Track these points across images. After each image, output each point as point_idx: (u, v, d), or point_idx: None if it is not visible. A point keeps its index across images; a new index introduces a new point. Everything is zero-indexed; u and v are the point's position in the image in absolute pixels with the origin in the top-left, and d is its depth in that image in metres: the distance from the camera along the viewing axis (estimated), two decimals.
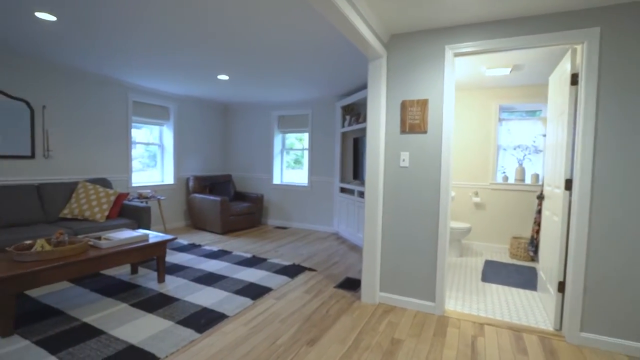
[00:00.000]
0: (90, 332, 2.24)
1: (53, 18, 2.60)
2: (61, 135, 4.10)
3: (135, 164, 5.34)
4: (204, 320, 2.44)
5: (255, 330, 2.35)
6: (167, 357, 2.00)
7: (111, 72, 4.23)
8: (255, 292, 2.99)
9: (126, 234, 3.07)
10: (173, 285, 3.09)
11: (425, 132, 2.65)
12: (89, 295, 2.82)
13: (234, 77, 4.34)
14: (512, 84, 4.29)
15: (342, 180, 5.51)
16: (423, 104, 2.63)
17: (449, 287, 3.25)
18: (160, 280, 3.15)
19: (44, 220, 3.67)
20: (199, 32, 2.83)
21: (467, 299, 2.96)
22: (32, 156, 3.85)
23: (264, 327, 2.39)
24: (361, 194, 4.67)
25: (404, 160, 2.74)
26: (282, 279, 3.34)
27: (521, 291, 3.18)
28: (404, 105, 2.70)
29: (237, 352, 2.08)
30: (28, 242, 2.53)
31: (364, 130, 4.98)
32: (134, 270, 3.38)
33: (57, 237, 2.59)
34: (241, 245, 4.65)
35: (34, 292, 2.85)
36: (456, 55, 2.56)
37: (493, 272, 3.68)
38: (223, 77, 4.29)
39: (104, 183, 4.32)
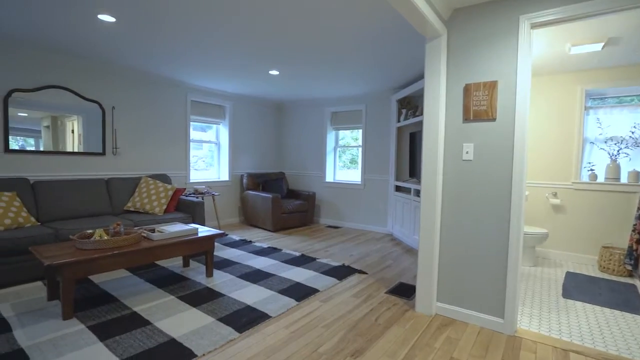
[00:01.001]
0: (137, 321, 2.28)
1: (112, 19, 2.72)
2: (127, 134, 4.39)
3: (200, 164, 5.59)
4: (245, 319, 2.35)
5: (297, 334, 2.20)
6: (203, 355, 1.93)
7: (172, 73, 4.42)
8: (300, 292, 2.85)
9: (177, 228, 3.13)
10: (220, 280, 3.08)
11: (493, 119, 2.27)
12: (142, 285, 2.92)
13: (284, 72, 4.27)
14: (603, 64, 3.61)
15: (398, 178, 5.17)
16: (491, 86, 2.26)
17: (522, 301, 2.79)
18: (209, 274, 3.17)
19: (111, 213, 3.94)
20: (252, 25, 2.78)
21: (545, 318, 2.50)
22: (103, 153, 4.17)
23: (306, 332, 2.23)
24: (418, 193, 4.31)
25: (467, 152, 2.38)
26: (330, 280, 3.16)
27: (617, 313, 2.61)
28: (467, 90, 2.35)
29: (274, 358, 1.94)
30: (89, 231, 2.67)
31: (421, 124, 4.60)
32: (186, 264, 3.45)
33: (114, 228, 2.70)
34: (291, 243, 4.57)
35: (97, 278, 3.03)
36: (533, 26, 2.15)
37: (577, 287, 3.11)
38: (274, 72, 4.25)
39: (164, 179, 4.54)
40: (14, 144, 3.51)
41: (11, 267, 2.84)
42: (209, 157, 5.76)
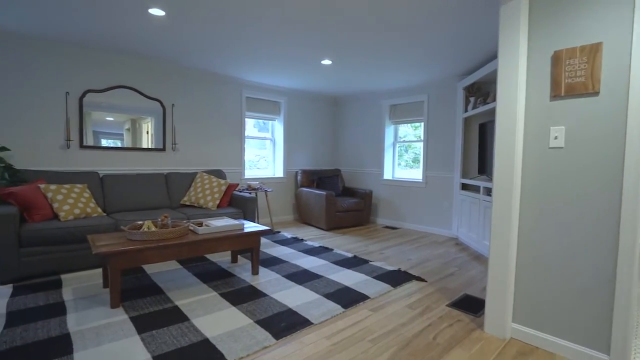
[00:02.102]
0: (176, 316, 2.21)
1: (162, 12, 2.74)
2: (186, 131, 4.54)
3: (262, 163, 5.65)
4: (284, 323, 2.15)
5: (339, 347, 1.93)
6: None
7: (226, 69, 4.46)
8: (348, 298, 2.58)
9: (224, 222, 3.07)
10: (265, 279, 2.94)
11: (595, 93, 1.75)
12: (188, 279, 2.90)
13: (338, 62, 4.02)
14: None
15: (464, 175, 4.59)
16: (592, 50, 1.74)
17: (637, 333, 2.16)
18: (254, 272, 3.05)
19: (169, 206, 4.08)
20: (302, 10, 2.58)
21: None
22: (163, 149, 4.35)
23: (349, 346, 1.95)
24: (488, 192, 3.75)
25: (555, 138, 1.88)
26: (383, 286, 2.83)
27: None
28: (557, 58, 1.85)
29: None
30: (140, 222, 2.72)
31: (492, 113, 4.00)
32: (234, 259, 3.40)
33: (162, 220, 2.71)
34: (344, 243, 4.31)
35: (149, 269, 3.10)
36: None
37: None
38: (326, 62, 4.02)
39: (219, 174, 4.60)
40: (105, 144, 3.82)
41: (77, 254, 3.03)
42: (269, 158, 5.78)
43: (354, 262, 3.48)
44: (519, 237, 2.05)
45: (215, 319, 2.20)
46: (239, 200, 4.22)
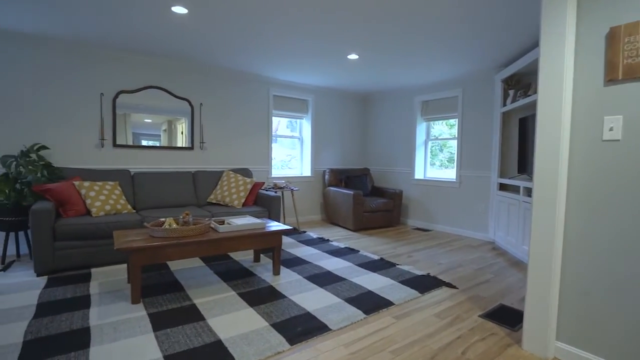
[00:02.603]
0: (193, 315, 2.18)
1: (185, 10, 2.74)
2: (213, 129, 4.58)
3: (293, 163, 5.63)
4: (300, 328, 2.05)
5: (357, 357, 1.80)
6: None
7: (252, 67, 4.45)
8: (371, 303, 2.43)
9: (246, 221, 3.03)
10: (286, 280, 2.86)
11: None
12: (210, 277, 2.89)
13: (365, 56, 3.86)
14: None
15: (502, 174, 4.26)
16: None
17: None
18: (275, 272, 2.98)
19: (196, 204, 4.13)
20: (326, 2, 2.49)
21: None
22: (192, 147, 4.42)
23: (368, 356, 1.81)
24: (529, 192, 3.42)
25: (611, 129, 1.63)
26: (409, 292, 2.65)
27: None
28: (613, 36, 1.60)
29: None
30: (162, 219, 2.73)
31: (534, 105, 3.64)
32: (256, 258, 3.35)
33: (183, 218, 2.71)
34: (371, 245, 4.14)
35: (173, 266, 3.13)
36: None
37: None
38: (353, 56, 3.88)
39: (245, 173, 4.60)
40: (144, 144, 3.95)
41: (106, 249, 3.12)
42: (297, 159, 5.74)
43: (379, 265, 3.32)
44: (564, 243, 1.80)
45: (231, 319, 2.14)
46: (264, 199, 4.19)
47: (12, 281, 2.72)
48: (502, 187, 4.20)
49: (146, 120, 4.12)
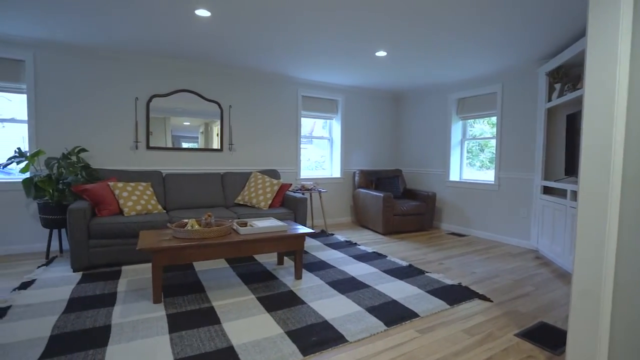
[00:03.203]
0: (209, 318, 2.17)
1: (208, 13, 2.76)
2: (242, 131, 4.63)
3: (325, 164, 5.58)
4: (315, 338, 1.96)
5: None
6: None
7: (280, 68, 4.43)
8: (393, 314, 2.28)
9: (268, 223, 3.00)
10: (307, 285, 2.78)
11: None
12: (231, 279, 2.88)
13: (393, 52, 3.70)
14: None
15: (547, 176, 3.88)
16: None
17: None
18: (297, 276, 2.91)
19: (223, 205, 4.18)
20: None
21: None
22: (221, 149, 4.50)
23: None
24: None
25: None
26: (437, 303, 2.47)
27: None
28: None
29: None
30: (185, 220, 2.77)
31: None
32: (280, 261, 3.31)
33: (205, 219, 2.72)
34: (400, 250, 3.95)
35: (198, 266, 3.17)
36: None
37: None
38: (381, 53, 3.73)
39: (273, 174, 4.59)
40: (184, 145, 4.11)
41: (136, 247, 3.22)
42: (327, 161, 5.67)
43: (407, 272, 3.14)
44: (618, 252, 1.55)
45: (246, 324, 2.10)
46: (291, 200, 4.15)
47: (51, 275, 2.89)
48: (547, 190, 3.83)
49: (185, 123, 4.27)
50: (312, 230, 2.95)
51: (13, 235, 3.51)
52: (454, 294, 2.64)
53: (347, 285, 2.79)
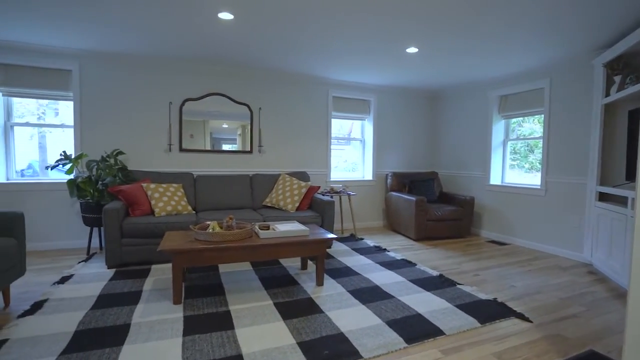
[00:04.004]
0: (224, 323, 2.15)
1: (231, 16, 2.77)
2: (271, 133, 4.64)
3: (357, 166, 5.49)
4: (328, 351, 1.86)
5: None
6: None
7: (309, 69, 4.38)
8: (416, 330, 2.11)
9: (290, 227, 2.94)
10: (328, 292, 2.69)
11: None
12: (252, 283, 2.86)
13: (424, 47, 3.49)
14: None
15: (603, 181, 3.45)
16: None
17: None
18: (318, 283, 2.83)
19: (251, 207, 4.21)
20: None
21: None
22: (250, 151, 4.54)
23: None
24: None
25: None
26: (466, 320, 2.25)
27: None
28: None
29: None
30: (208, 222, 2.79)
31: None
32: (303, 266, 3.24)
33: (227, 222, 2.73)
34: (432, 258, 3.72)
35: (223, 268, 3.20)
36: None
37: None
38: (412, 49, 3.53)
39: (302, 176, 4.55)
40: (225, 148, 4.24)
41: None
42: (357, 156, 5.54)
43: (437, 283, 2.93)
44: None
45: (259, 332, 2.05)
46: (319, 203, 4.08)
47: (88, 271, 3.06)
48: (603, 197, 3.40)
49: (224, 126, 4.39)
50: (335, 236, 2.85)
51: (61, 232, 3.79)
52: (488, 311, 2.40)
53: (369, 295, 2.65)
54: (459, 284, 2.92)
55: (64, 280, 2.83)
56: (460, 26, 2.91)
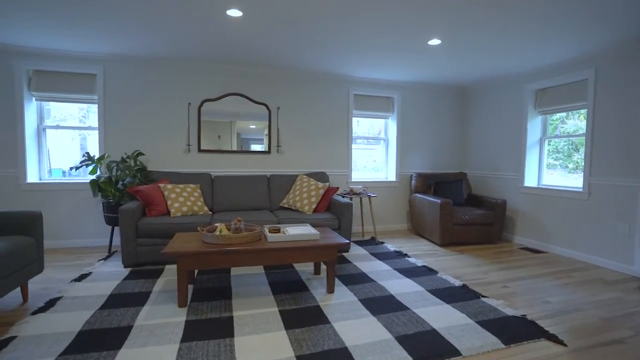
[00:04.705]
0: (224, 330, 2.07)
1: (240, 13, 2.69)
2: (290, 133, 4.55)
3: (380, 167, 5.31)
4: None
5: None
6: None
7: (328, 67, 4.25)
8: (428, 348, 1.92)
9: (300, 230, 2.83)
10: (337, 301, 2.54)
11: None
12: (261, 287, 2.77)
13: (448, 39, 3.24)
14: None
15: None
16: None
17: None
18: (329, 290, 2.69)
19: (268, 208, 4.14)
20: None
21: None
22: (269, 151, 4.48)
23: None
24: None
25: None
26: (488, 339, 2.02)
27: None
28: None
29: None
30: (216, 224, 2.74)
31: None
32: (316, 271, 3.12)
33: (235, 224, 2.66)
34: (456, 266, 3.46)
35: (235, 271, 3.14)
36: None
37: None
38: (434, 41, 3.29)
39: (321, 177, 4.42)
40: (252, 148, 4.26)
41: None
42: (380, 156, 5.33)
43: (458, 295, 2.69)
44: None
45: (258, 341, 1.95)
46: (336, 205, 3.93)
47: (105, 270, 3.12)
48: None
49: (251, 127, 4.38)
50: (347, 241, 2.70)
51: (86, 230, 3.93)
52: (514, 330, 2.15)
53: (382, 305, 2.48)
54: (483, 296, 2.66)
55: (81, 278, 2.91)
56: (489, 14, 2.65)
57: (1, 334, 2.02)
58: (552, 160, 4.36)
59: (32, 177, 3.80)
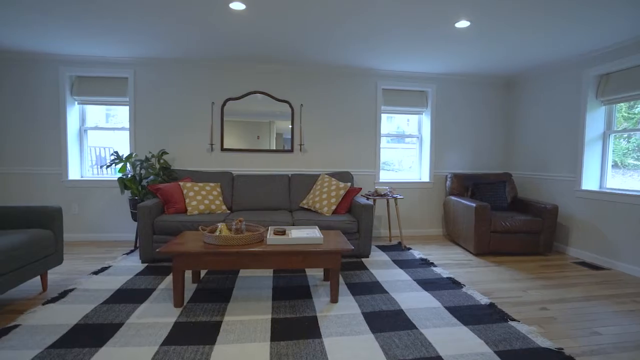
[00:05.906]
0: (208, 336, 1.97)
1: (243, 6, 2.59)
2: (313, 131, 4.40)
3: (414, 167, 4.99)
4: None
5: None
6: None
7: (353, 60, 4.02)
8: None
9: (305, 234, 2.66)
10: (338, 312, 2.33)
11: None
12: (263, 291, 2.65)
13: (478, 19, 2.83)
14: None
15: None
16: None
17: None
18: (332, 299, 2.48)
19: (288, 208, 4.03)
20: None
21: None
22: (291, 150, 4.36)
23: None
24: None
25: None
26: None
27: None
28: None
29: None
30: (218, 224, 2.68)
31: None
32: (326, 277, 2.92)
33: (236, 225, 2.57)
34: (489, 280, 3.03)
35: (243, 272, 3.06)
36: None
37: None
38: (462, 23, 2.91)
39: (345, 177, 4.20)
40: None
41: None
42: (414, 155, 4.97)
43: (482, 315, 2.31)
44: None
45: (236, 352, 1.82)
46: (357, 207, 3.69)
47: (123, 264, 3.23)
48: None
49: (289, 126, 4.34)
50: (352, 247, 2.47)
51: (117, 225, 4.15)
52: None
53: (386, 321, 2.21)
54: (512, 319, 2.26)
55: (100, 271, 3.03)
56: None
57: (8, 321, 2.13)
58: (622, 157, 3.66)
59: (73, 174, 4.10)
